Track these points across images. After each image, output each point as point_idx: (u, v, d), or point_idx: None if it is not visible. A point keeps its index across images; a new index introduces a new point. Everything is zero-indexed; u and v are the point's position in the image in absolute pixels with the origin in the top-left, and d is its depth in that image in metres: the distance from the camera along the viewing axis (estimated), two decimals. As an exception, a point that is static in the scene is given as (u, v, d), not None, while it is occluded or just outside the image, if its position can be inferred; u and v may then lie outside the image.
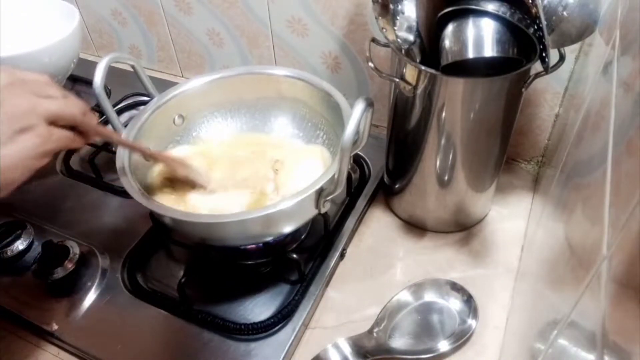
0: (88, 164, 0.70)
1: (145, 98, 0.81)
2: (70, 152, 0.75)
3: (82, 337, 0.53)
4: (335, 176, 0.48)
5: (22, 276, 0.58)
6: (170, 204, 0.53)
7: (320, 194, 0.50)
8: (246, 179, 0.60)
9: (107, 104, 0.54)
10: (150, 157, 0.56)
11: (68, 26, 0.75)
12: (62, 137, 0.41)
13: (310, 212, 0.52)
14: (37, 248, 0.60)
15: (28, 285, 0.58)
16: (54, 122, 0.40)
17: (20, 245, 0.60)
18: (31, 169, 0.40)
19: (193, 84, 0.62)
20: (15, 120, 0.38)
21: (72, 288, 0.57)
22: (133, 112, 0.82)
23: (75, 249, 0.59)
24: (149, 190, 0.56)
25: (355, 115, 0.43)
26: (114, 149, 0.72)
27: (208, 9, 0.79)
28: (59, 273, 0.56)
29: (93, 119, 0.45)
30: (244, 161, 0.62)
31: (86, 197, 0.69)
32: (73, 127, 0.42)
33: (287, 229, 0.53)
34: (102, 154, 0.73)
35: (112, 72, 0.53)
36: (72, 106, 0.42)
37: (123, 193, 0.67)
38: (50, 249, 0.58)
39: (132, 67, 0.58)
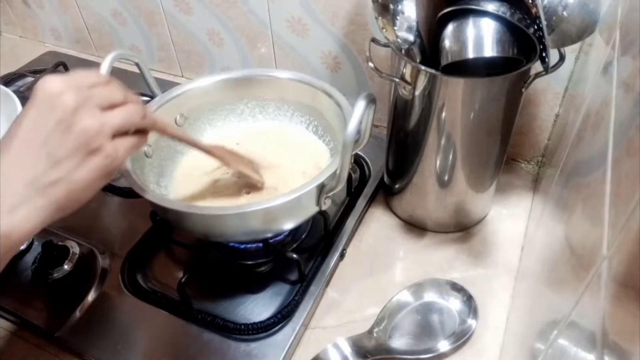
0: (88, 164, 0.70)
1: (146, 98, 0.81)
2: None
3: (82, 337, 0.53)
4: (337, 172, 0.48)
5: (22, 276, 0.58)
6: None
7: (321, 189, 0.50)
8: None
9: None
10: (205, 152, 0.54)
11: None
12: (127, 149, 0.40)
13: (311, 209, 0.52)
14: (37, 248, 0.60)
15: (28, 285, 0.58)
16: (117, 132, 0.39)
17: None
18: (99, 188, 0.40)
19: (195, 84, 0.62)
20: (85, 145, 0.37)
21: (72, 288, 0.57)
22: (133, 112, 0.82)
23: (75, 249, 0.59)
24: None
25: (358, 111, 0.43)
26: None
27: (208, 9, 0.79)
28: (59, 273, 0.57)
29: (151, 117, 0.43)
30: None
31: (86, 197, 0.69)
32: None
33: (288, 225, 0.53)
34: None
35: (112, 72, 0.53)
36: (133, 112, 0.40)
37: (123, 193, 0.67)
38: (50, 249, 0.58)
39: (137, 64, 0.58)
